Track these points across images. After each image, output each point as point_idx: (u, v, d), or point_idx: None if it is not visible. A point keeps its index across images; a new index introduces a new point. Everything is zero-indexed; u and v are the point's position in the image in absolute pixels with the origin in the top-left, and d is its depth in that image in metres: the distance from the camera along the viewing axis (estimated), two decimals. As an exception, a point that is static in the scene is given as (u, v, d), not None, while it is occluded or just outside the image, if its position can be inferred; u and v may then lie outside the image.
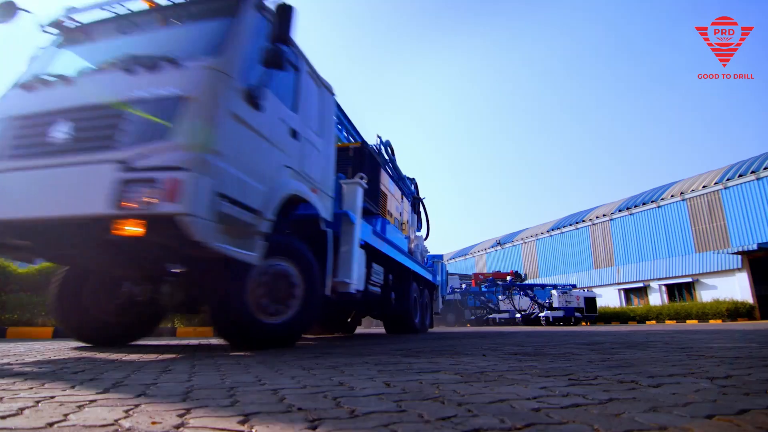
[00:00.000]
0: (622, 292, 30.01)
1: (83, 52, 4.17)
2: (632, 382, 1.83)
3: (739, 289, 23.02)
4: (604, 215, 32.28)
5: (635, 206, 30.02)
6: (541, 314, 22.64)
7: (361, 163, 6.66)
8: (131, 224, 2.89)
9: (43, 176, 3.18)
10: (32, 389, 1.75)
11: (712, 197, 25.38)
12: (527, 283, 29.06)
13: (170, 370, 2.42)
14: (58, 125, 3.27)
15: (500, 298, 26.64)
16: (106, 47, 4.03)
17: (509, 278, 28.36)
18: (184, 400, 1.49)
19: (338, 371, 2.33)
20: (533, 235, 38.93)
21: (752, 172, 23.40)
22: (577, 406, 1.34)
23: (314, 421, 1.16)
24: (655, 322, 23.52)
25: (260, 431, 1.07)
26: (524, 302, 25.27)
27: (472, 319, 27.60)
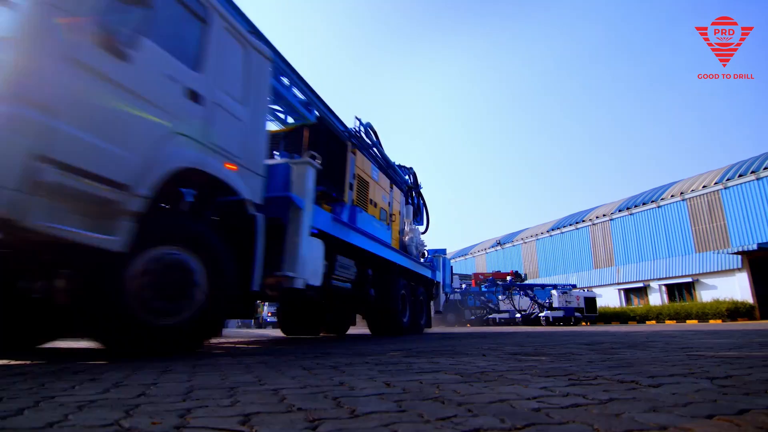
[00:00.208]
0: (622, 292, 30.00)
1: None
2: (632, 382, 1.83)
3: (739, 289, 23.01)
4: (604, 215, 32.28)
5: (635, 206, 30.02)
6: (541, 314, 22.67)
7: (316, 141, 5.97)
8: None
9: None
10: (32, 389, 1.76)
11: (712, 197, 25.37)
12: (527, 283, 29.08)
13: (170, 370, 2.42)
14: None
15: (500, 298, 26.67)
16: None
17: (509, 278, 28.41)
18: (184, 400, 1.49)
19: (338, 371, 2.33)
20: (533, 235, 38.92)
21: (752, 172, 23.40)
22: (577, 406, 1.34)
23: (314, 421, 1.17)
24: (655, 322, 23.52)
25: (261, 431, 1.07)
26: (524, 302, 25.31)
27: (472, 319, 27.59)
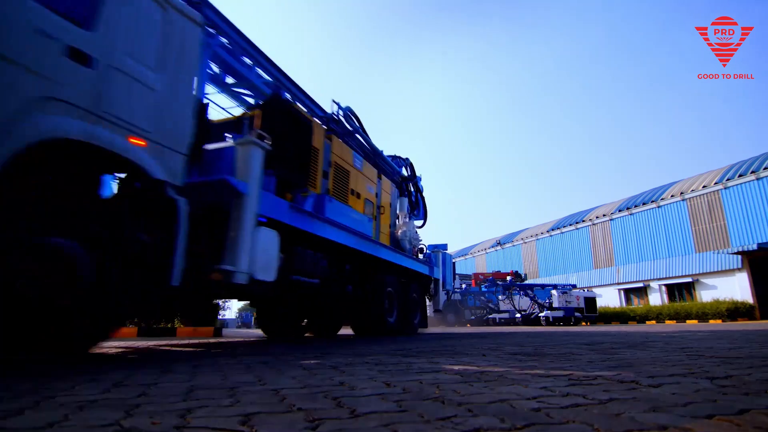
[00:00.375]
0: (622, 292, 30.00)
1: None
2: (632, 382, 1.83)
3: (739, 289, 23.02)
4: (604, 215, 32.28)
5: (635, 206, 30.02)
6: (541, 314, 22.67)
7: (270, 121, 5.28)
8: None
9: None
10: (33, 389, 1.76)
11: (712, 197, 25.37)
12: (527, 283, 29.09)
13: (171, 370, 2.42)
14: None
15: (500, 298, 26.68)
16: None
17: (509, 278, 28.45)
18: (184, 400, 1.49)
19: (339, 371, 2.33)
20: (533, 235, 38.91)
21: (752, 172, 23.41)
22: (577, 406, 1.34)
23: (315, 421, 1.17)
24: (655, 322, 23.51)
25: (261, 431, 1.07)
26: (524, 302, 25.32)
27: (472, 319, 27.60)
